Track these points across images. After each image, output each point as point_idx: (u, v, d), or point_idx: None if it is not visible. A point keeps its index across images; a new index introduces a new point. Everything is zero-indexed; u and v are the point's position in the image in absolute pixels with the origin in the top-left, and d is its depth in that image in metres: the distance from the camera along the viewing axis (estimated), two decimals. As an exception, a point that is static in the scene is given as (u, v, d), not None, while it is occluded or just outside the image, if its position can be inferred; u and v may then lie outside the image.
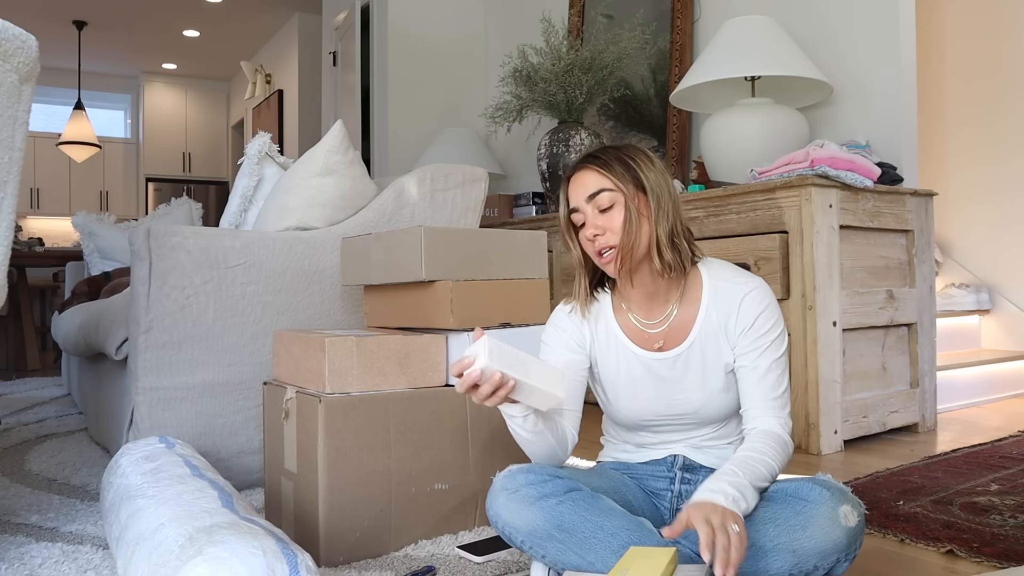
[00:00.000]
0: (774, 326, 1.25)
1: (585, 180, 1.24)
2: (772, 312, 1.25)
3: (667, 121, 3.53)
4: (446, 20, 4.72)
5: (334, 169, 2.12)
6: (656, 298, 1.28)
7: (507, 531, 1.17)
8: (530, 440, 1.21)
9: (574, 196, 1.25)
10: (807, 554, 1.06)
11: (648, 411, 1.29)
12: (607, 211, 1.22)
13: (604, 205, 1.22)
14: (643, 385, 1.28)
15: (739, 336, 1.24)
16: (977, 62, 3.69)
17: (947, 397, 2.90)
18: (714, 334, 1.26)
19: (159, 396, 1.86)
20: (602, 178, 1.22)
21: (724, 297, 1.26)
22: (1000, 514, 1.63)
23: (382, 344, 1.53)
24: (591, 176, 1.23)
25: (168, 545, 1.03)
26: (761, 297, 1.25)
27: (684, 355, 1.26)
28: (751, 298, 1.24)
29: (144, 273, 1.83)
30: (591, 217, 1.23)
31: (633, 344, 1.29)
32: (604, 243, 1.22)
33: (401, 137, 4.57)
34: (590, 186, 1.23)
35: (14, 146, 1.38)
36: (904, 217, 2.54)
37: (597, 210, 1.22)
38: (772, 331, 1.24)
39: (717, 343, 1.26)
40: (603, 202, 1.22)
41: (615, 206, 1.22)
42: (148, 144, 8.74)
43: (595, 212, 1.23)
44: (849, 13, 2.87)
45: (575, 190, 1.25)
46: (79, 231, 4.02)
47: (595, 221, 1.22)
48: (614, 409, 1.33)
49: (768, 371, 1.23)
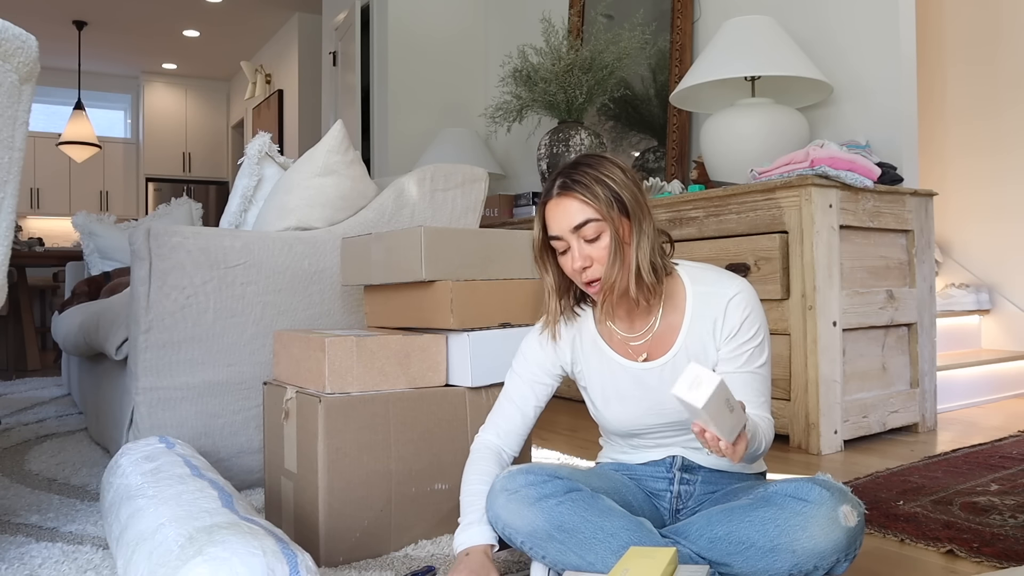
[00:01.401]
0: (758, 331, 1.24)
1: (568, 209, 1.19)
2: (756, 317, 1.25)
3: (667, 121, 3.53)
4: (446, 20, 4.72)
5: (334, 169, 2.12)
6: (637, 311, 1.28)
7: (507, 532, 1.17)
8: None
9: (556, 224, 1.21)
10: (807, 554, 1.06)
11: (639, 421, 1.29)
12: (593, 241, 1.19)
13: (590, 236, 1.19)
14: (632, 396, 1.28)
15: (724, 341, 1.24)
16: (977, 61, 3.69)
17: (947, 397, 2.90)
18: (700, 339, 1.25)
19: (159, 396, 1.86)
20: (586, 208, 1.18)
21: (708, 303, 1.25)
22: (1000, 514, 1.63)
23: (382, 344, 1.53)
24: (574, 205, 1.19)
25: (168, 545, 1.03)
26: (746, 301, 1.24)
27: (671, 364, 1.26)
28: (735, 303, 1.23)
29: (144, 273, 1.83)
30: (576, 247, 1.20)
31: (618, 356, 1.29)
32: (593, 275, 1.21)
33: (401, 137, 4.57)
34: (575, 217, 1.19)
35: (14, 146, 1.38)
36: (904, 217, 2.54)
37: (583, 239, 1.20)
38: (756, 336, 1.24)
39: (704, 347, 1.25)
40: (589, 233, 1.19)
41: (601, 236, 1.19)
42: (148, 144, 8.74)
43: (581, 242, 1.20)
44: (849, 13, 2.87)
45: (557, 218, 1.21)
46: (79, 231, 4.02)
47: (583, 251, 1.20)
48: (605, 419, 1.33)
49: (753, 378, 1.24)
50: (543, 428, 2.72)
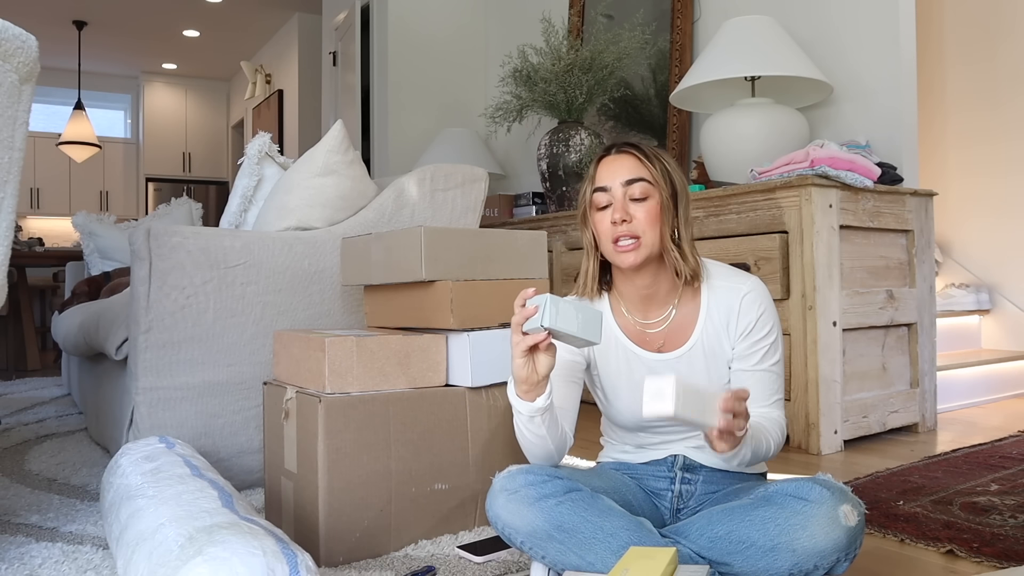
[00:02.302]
0: (772, 329, 1.26)
1: (625, 163, 1.22)
2: (770, 315, 1.26)
3: (667, 121, 3.53)
4: (446, 20, 4.72)
5: (334, 169, 2.12)
6: (654, 300, 1.28)
7: (507, 532, 1.17)
8: (532, 441, 1.21)
9: (607, 176, 1.23)
10: (807, 553, 1.06)
11: None
12: (639, 201, 1.21)
13: (638, 195, 1.21)
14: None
15: (739, 338, 1.25)
16: (977, 61, 3.69)
17: (947, 397, 2.90)
18: (715, 334, 1.26)
19: (159, 396, 1.86)
20: (642, 167, 1.22)
21: (723, 298, 1.26)
22: (1000, 514, 1.63)
23: (382, 344, 1.53)
24: (631, 162, 1.22)
25: (168, 545, 1.03)
26: (760, 298, 1.26)
27: (687, 356, 1.27)
28: (750, 299, 1.25)
29: (144, 273, 1.83)
30: (621, 201, 1.21)
31: (634, 345, 1.29)
32: (627, 231, 1.21)
33: (401, 137, 4.57)
34: (630, 171, 1.21)
35: (14, 146, 1.38)
36: (904, 217, 2.54)
37: (629, 198, 1.21)
38: (770, 334, 1.26)
39: (720, 342, 1.26)
40: (638, 191, 1.21)
41: (648, 199, 1.21)
42: (148, 144, 8.74)
43: (626, 198, 1.21)
44: (849, 13, 2.87)
45: (611, 170, 1.23)
46: (79, 231, 4.02)
47: (625, 207, 1.21)
48: (614, 411, 1.33)
49: (766, 376, 1.25)
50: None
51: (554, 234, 3.35)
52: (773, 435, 1.20)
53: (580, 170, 3.45)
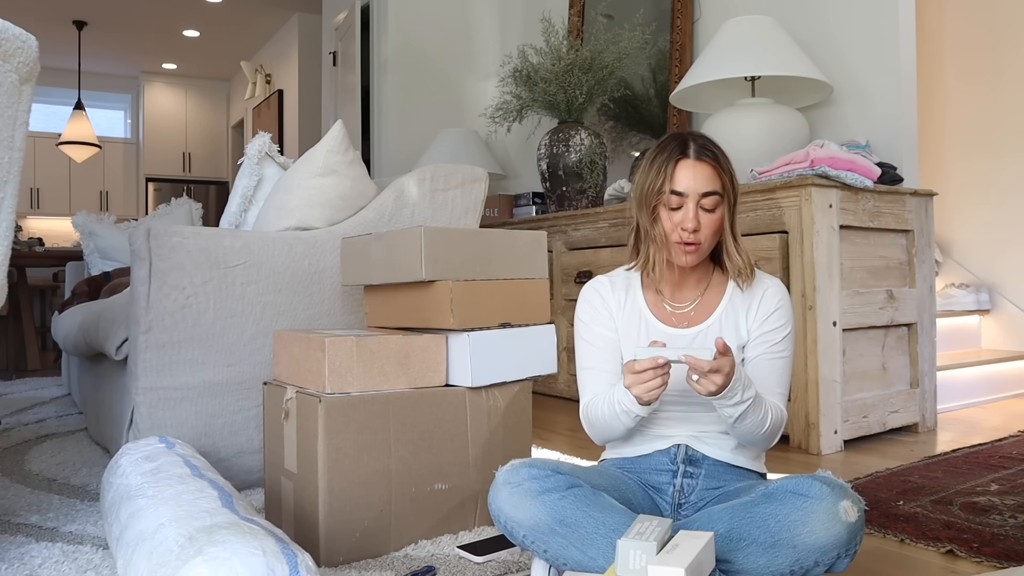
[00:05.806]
0: (786, 324, 1.32)
1: (704, 174, 1.25)
2: (787, 311, 1.33)
3: (667, 121, 3.53)
4: (446, 20, 4.72)
5: (334, 169, 2.12)
6: (686, 284, 1.34)
7: (509, 525, 1.18)
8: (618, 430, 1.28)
9: (686, 182, 1.25)
10: (807, 549, 1.07)
11: None
12: (708, 211, 1.26)
13: (709, 206, 1.25)
14: None
15: (755, 325, 1.31)
16: (977, 61, 3.69)
17: (947, 397, 2.90)
18: (734, 317, 1.32)
19: (159, 396, 1.86)
20: (717, 180, 1.25)
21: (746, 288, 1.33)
22: (1000, 514, 1.63)
23: (382, 344, 1.53)
24: (710, 173, 1.25)
25: (168, 545, 1.03)
26: (779, 294, 1.33)
27: (704, 333, 1.31)
28: (771, 293, 1.32)
29: (144, 273, 1.83)
30: (694, 211, 1.25)
31: (658, 321, 1.34)
32: (697, 239, 1.25)
33: (401, 137, 4.57)
34: (707, 182, 1.25)
35: (14, 146, 1.38)
36: (904, 217, 2.54)
37: (703, 208, 1.25)
38: (784, 327, 1.31)
39: (736, 324, 1.31)
40: (709, 203, 1.25)
41: (717, 209, 1.26)
42: (148, 144, 8.74)
43: (699, 208, 1.25)
44: (849, 13, 2.87)
45: (691, 176, 1.25)
46: (79, 231, 4.02)
47: (697, 216, 1.25)
48: None
49: (776, 363, 1.30)
50: (543, 428, 2.72)
51: (554, 234, 3.35)
52: (774, 413, 1.24)
53: (580, 170, 3.45)
